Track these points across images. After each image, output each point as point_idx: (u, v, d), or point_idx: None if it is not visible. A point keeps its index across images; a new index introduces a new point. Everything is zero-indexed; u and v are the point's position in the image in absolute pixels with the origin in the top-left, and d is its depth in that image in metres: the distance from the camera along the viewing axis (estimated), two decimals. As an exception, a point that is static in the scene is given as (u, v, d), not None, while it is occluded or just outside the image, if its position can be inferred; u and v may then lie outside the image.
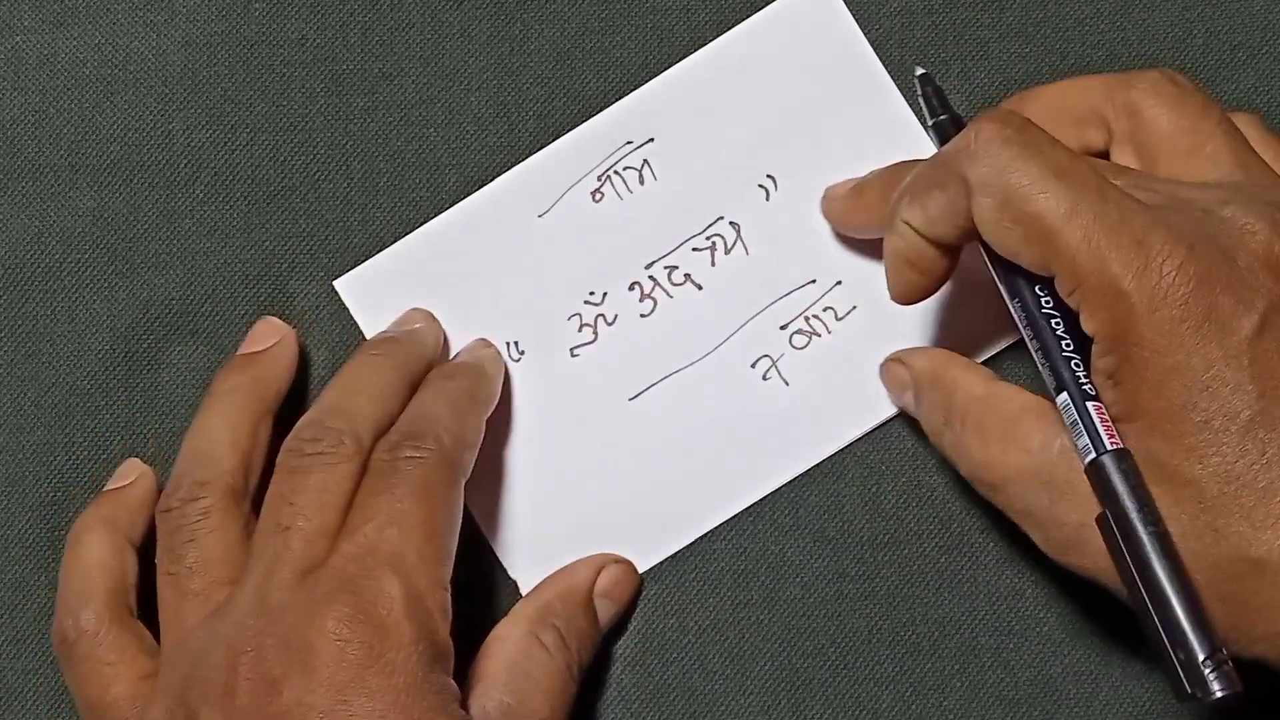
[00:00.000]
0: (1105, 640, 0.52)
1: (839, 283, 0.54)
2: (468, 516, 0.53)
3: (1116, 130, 0.50)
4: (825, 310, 0.54)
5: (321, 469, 0.48)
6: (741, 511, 0.53)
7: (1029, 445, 0.46)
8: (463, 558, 0.53)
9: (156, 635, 0.50)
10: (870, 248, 0.53)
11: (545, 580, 0.53)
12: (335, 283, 0.54)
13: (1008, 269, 0.47)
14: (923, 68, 0.52)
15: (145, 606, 0.51)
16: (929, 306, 0.53)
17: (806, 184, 0.54)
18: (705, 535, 0.53)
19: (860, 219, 0.52)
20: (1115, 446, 0.44)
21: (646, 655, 0.53)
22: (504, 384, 0.54)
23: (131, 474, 0.53)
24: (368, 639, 0.45)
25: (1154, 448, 0.44)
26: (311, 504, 0.47)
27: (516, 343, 0.54)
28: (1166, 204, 0.45)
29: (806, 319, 0.54)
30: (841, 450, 0.53)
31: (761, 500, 0.53)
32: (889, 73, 0.54)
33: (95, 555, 0.51)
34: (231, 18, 0.55)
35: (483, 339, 0.54)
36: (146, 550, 0.51)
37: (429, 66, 0.55)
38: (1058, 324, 0.47)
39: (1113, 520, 0.44)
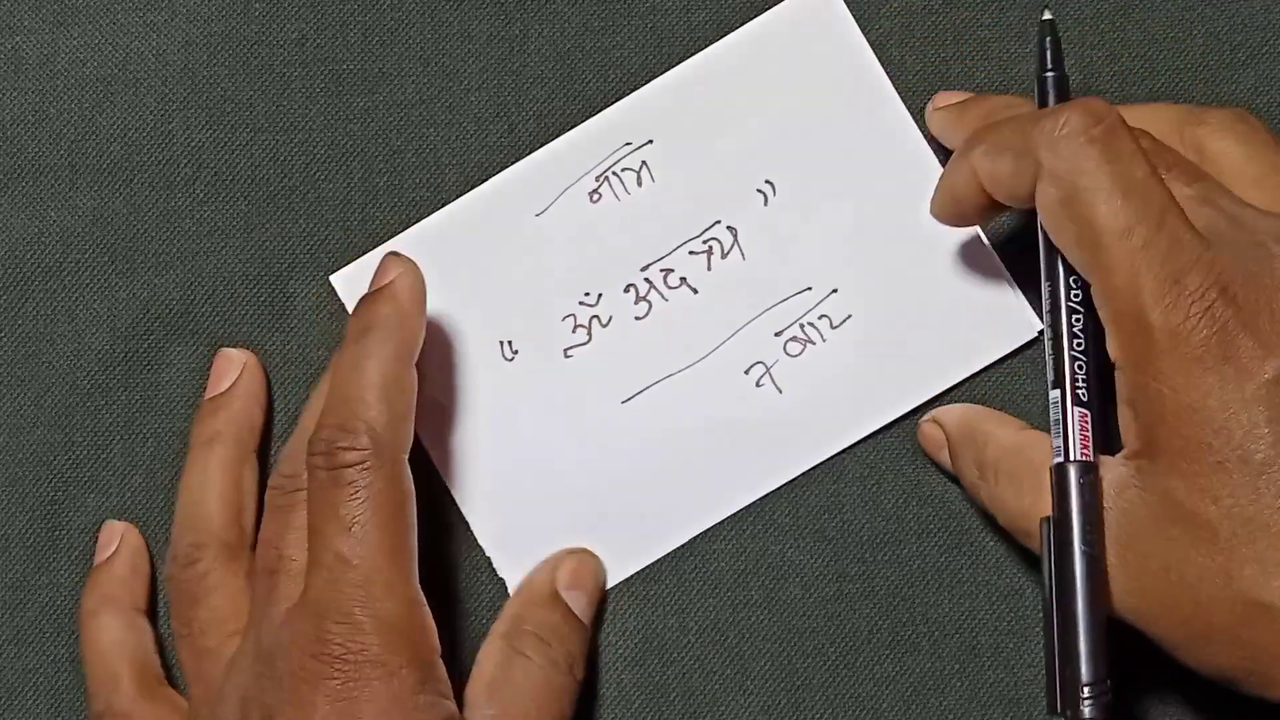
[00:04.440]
0: (1105, 640, 0.52)
1: (835, 290, 0.54)
2: (457, 514, 0.53)
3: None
4: (820, 318, 0.53)
5: (305, 506, 0.48)
6: (741, 512, 0.53)
7: None
8: (453, 557, 0.54)
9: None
10: (868, 256, 0.53)
11: (510, 597, 0.53)
12: (332, 278, 0.54)
13: (1050, 250, 0.47)
14: (1049, 12, 0.51)
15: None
16: (929, 316, 0.53)
17: (805, 190, 0.54)
18: (705, 535, 0.53)
19: (955, 136, 0.52)
20: (1084, 458, 0.45)
21: (646, 655, 0.53)
22: (498, 383, 0.53)
23: (113, 540, 0.53)
24: (347, 672, 0.45)
25: (1172, 487, 0.44)
26: (296, 543, 0.48)
27: (510, 342, 0.54)
28: (1224, 232, 0.45)
29: (801, 326, 0.54)
30: (841, 450, 0.53)
31: (761, 500, 0.53)
32: (890, 77, 0.54)
33: (108, 637, 0.52)
34: (231, 18, 0.55)
35: (393, 253, 0.51)
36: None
37: (429, 66, 0.55)
38: (1078, 320, 0.47)
39: (1054, 527, 0.45)
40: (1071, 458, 0.46)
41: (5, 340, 0.54)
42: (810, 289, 0.54)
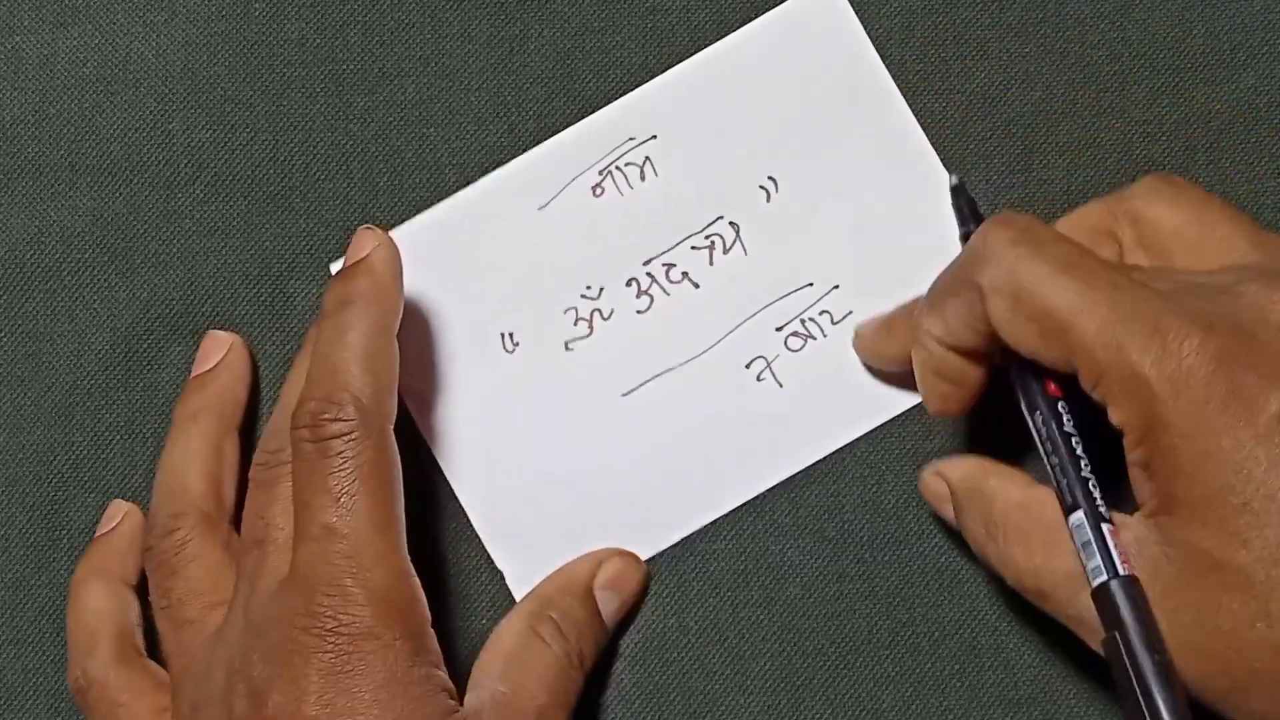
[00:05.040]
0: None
1: (836, 287, 0.54)
2: (454, 503, 0.53)
3: (1125, 241, 0.49)
4: (821, 314, 0.54)
5: (289, 479, 0.48)
6: (742, 511, 0.53)
7: (1073, 550, 0.45)
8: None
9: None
10: (869, 253, 0.53)
11: (547, 576, 0.53)
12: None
13: (1027, 384, 0.47)
14: (957, 177, 0.52)
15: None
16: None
17: (807, 187, 0.54)
18: (705, 535, 0.53)
19: (893, 350, 0.51)
20: (1127, 572, 0.44)
21: (646, 655, 0.53)
22: (498, 375, 0.53)
23: (117, 515, 0.53)
24: (340, 645, 0.45)
25: (1197, 538, 0.43)
26: (283, 514, 0.48)
27: (511, 334, 0.54)
28: (1182, 289, 0.45)
29: (802, 321, 0.54)
30: (841, 450, 0.53)
31: (761, 500, 0.53)
32: (891, 74, 0.54)
33: (93, 604, 0.52)
34: (231, 18, 0.55)
35: (367, 226, 0.51)
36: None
37: (429, 66, 0.55)
38: (1077, 443, 0.46)
39: (1119, 646, 0.43)
40: (1113, 574, 0.44)
41: (5, 340, 0.54)
42: (811, 284, 0.54)
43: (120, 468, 0.54)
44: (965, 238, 0.51)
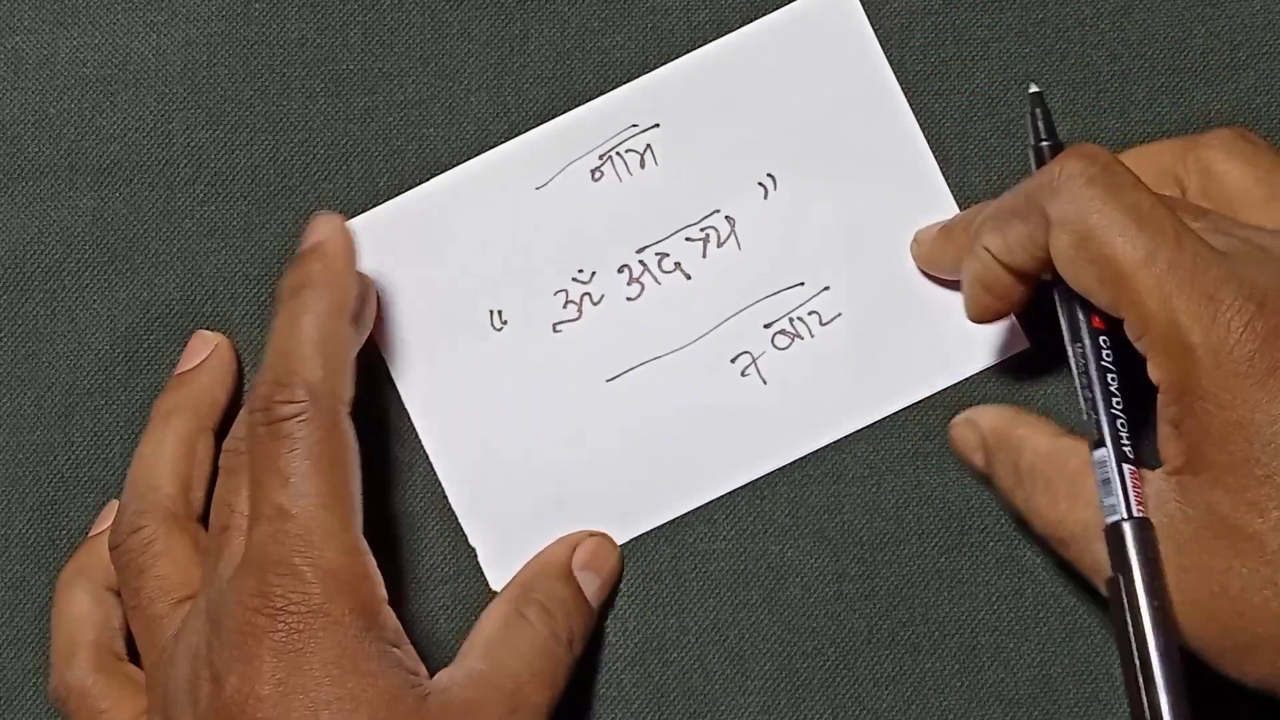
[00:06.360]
0: (1105, 640, 0.52)
1: (827, 288, 0.54)
2: (432, 479, 0.54)
3: (1190, 188, 0.50)
4: (810, 314, 0.54)
5: None
6: (742, 512, 0.53)
7: (1094, 501, 0.47)
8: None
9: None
10: (863, 257, 0.53)
11: (524, 565, 0.53)
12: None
13: (1073, 314, 0.48)
14: (1036, 85, 0.51)
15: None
16: (917, 323, 0.53)
17: (806, 187, 0.54)
18: (705, 535, 0.53)
19: (947, 259, 0.52)
20: (1140, 514, 0.45)
21: (646, 655, 0.53)
22: (484, 351, 0.54)
23: (109, 517, 0.53)
24: (291, 624, 0.45)
25: (1216, 501, 0.44)
26: (246, 500, 0.48)
27: (500, 312, 0.54)
28: (1244, 251, 0.45)
29: (791, 320, 0.54)
30: (841, 450, 0.53)
31: (762, 500, 0.53)
32: (894, 76, 0.54)
33: (75, 609, 0.52)
34: (231, 18, 0.55)
35: (322, 213, 0.51)
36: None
37: (429, 66, 0.55)
38: (1113, 379, 0.47)
39: (1121, 586, 0.45)
40: (1128, 515, 0.45)
41: (5, 340, 0.54)
42: (803, 284, 0.54)
43: (120, 468, 0.54)
44: (1037, 152, 0.51)
